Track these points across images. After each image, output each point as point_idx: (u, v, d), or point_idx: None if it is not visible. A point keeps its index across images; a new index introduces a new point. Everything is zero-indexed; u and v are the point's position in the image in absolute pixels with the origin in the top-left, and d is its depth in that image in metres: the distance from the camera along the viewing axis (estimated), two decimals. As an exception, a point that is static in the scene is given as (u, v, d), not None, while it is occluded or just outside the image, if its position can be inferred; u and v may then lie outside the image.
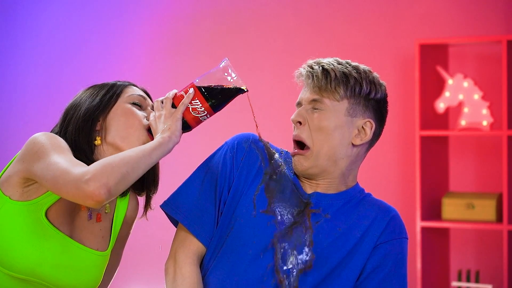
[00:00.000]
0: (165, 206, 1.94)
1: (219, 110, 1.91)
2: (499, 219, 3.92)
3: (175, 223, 1.97)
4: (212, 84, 1.90)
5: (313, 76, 1.91)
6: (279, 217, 1.89)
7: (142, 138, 1.93)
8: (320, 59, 1.96)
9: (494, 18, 4.10)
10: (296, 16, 4.51)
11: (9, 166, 1.90)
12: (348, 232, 1.89)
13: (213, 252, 1.91)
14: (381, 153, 4.29)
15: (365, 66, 1.96)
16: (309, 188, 1.94)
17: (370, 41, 4.32)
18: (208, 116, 1.90)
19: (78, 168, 1.74)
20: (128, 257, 5.18)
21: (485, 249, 4.13)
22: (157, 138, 1.84)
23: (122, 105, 1.95)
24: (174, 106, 1.90)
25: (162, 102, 1.92)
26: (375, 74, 1.96)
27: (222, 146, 1.99)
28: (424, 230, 3.97)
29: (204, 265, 1.92)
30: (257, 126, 1.98)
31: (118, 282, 4.94)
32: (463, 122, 3.98)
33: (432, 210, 4.05)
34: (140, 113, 1.95)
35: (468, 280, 3.97)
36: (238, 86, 1.90)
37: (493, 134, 3.92)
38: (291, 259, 1.86)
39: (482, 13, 4.13)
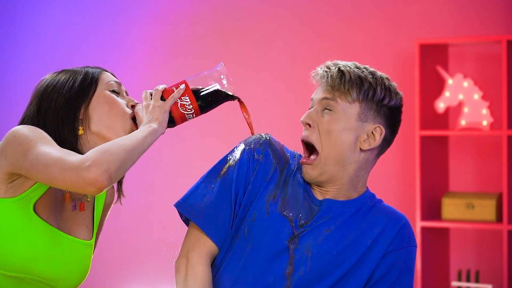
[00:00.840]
0: (178, 206, 1.93)
1: (205, 112, 1.91)
2: (499, 219, 3.92)
3: (187, 222, 1.96)
4: (204, 85, 1.91)
5: (328, 76, 1.89)
6: (291, 223, 1.89)
7: (127, 127, 1.91)
8: (339, 61, 1.94)
9: (494, 18, 4.10)
10: (296, 16, 4.51)
11: None
12: (358, 240, 1.89)
13: (225, 253, 1.90)
14: (381, 153, 4.29)
15: (383, 74, 1.95)
16: (319, 194, 1.93)
17: (370, 41, 4.32)
18: (194, 115, 1.90)
19: (74, 156, 1.73)
20: (128, 257, 5.18)
21: (485, 249, 4.13)
22: (145, 127, 1.83)
23: (102, 93, 1.92)
24: (163, 99, 1.90)
25: (151, 94, 1.91)
26: (393, 83, 1.96)
27: (238, 146, 1.97)
28: (424, 230, 3.97)
29: (215, 265, 1.91)
30: (252, 134, 1.97)
31: (118, 282, 4.95)
32: (463, 122, 3.98)
33: (432, 210, 4.05)
34: (121, 101, 1.93)
35: (468, 280, 3.98)
36: (229, 92, 1.91)
37: (493, 134, 3.92)
38: (301, 266, 1.85)
39: (482, 13, 4.13)
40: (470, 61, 4.16)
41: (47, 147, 1.76)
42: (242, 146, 1.96)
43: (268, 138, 1.97)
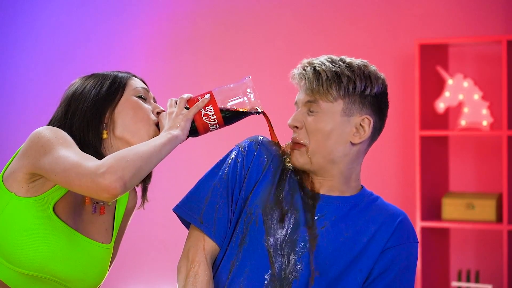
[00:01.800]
0: (177, 210, 1.94)
1: (229, 124, 1.92)
2: (499, 219, 3.92)
3: (187, 225, 1.97)
4: (230, 97, 1.91)
5: (305, 78, 1.89)
6: (285, 221, 1.89)
7: (152, 133, 1.92)
8: (313, 59, 1.93)
9: (494, 18, 4.10)
10: (296, 16, 4.51)
11: (11, 162, 1.88)
12: (354, 237, 1.88)
13: (225, 251, 1.91)
14: (381, 153, 4.29)
15: (360, 61, 1.91)
16: (313, 186, 1.93)
17: (370, 41, 4.32)
18: (218, 127, 1.90)
19: (91, 161, 1.73)
20: (128, 257, 5.19)
21: (485, 249, 4.13)
22: (166, 134, 1.83)
23: (129, 98, 1.93)
24: (187, 108, 1.91)
25: (176, 102, 1.91)
26: (372, 67, 1.92)
27: (233, 148, 1.99)
28: (424, 230, 3.97)
29: (215, 264, 1.92)
30: (276, 142, 2.00)
31: (118, 282, 4.95)
32: (463, 122, 3.98)
33: (432, 210, 4.05)
34: (147, 107, 1.95)
35: (468, 280, 3.97)
36: (254, 107, 1.92)
37: (493, 134, 3.92)
38: (297, 265, 1.86)
39: (482, 13, 4.13)
40: (470, 61, 4.16)
41: (67, 150, 1.77)
42: (237, 148, 1.97)
43: (262, 139, 1.99)
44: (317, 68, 1.88)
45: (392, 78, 4.27)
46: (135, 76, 2.00)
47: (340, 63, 1.89)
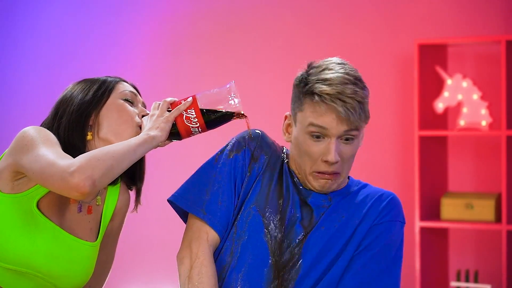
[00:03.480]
0: (176, 200, 1.94)
1: (211, 129, 1.93)
2: (498, 219, 3.92)
3: (183, 215, 1.97)
4: (213, 101, 1.92)
5: (346, 108, 1.84)
6: (284, 216, 1.91)
7: (134, 135, 1.93)
8: (339, 87, 1.85)
9: (493, 18, 4.10)
10: (296, 16, 4.51)
11: None
12: (348, 221, 1.92)
13: (224, 242, 1.92)
14: (380, 153, 4.29)
15: (356, 69, 1.91)
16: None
17: (370, 41, 4.32)
18: (200, 130, 1.91)
19: (65, 160, 1.75)
20: (127, 257, 5.19)
21: (484, 249, 4.13)
22: (142, 134, 1.86)
23: (115, 101, 1.96)
24: (170, 111, 1.92)
25: (159, 105, 1.93)
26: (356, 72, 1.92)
27: (231, 141, 1.99)
28: (423, 230, 3.97)
29: (214, 255, 1.93)
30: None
31: (118, 282, 4.95)
32: (462, 122, 3.98)
33: (431, 210, 4.05)
34: (132, 110, 1.97)
35: (467, 280, 3.98)
36: (237, 111, 1.91)
37: (492, 134, 3.92)
38: (296, 256, 1.88)
39: (481, 13, 4.13)
40: (469, 61, 4.16)
41: (47, 149, 1.79)
42: (236, 140, 1.98)
43: (260, 133, 2.00)
44: (357, 98, 1.85)
45: (391, 78, 4.27)
46: (125, 81, 2.02)
47: (358, 82, 1.87)
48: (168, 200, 1.95)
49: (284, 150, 2.03)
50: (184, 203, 1.93)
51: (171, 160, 4.72)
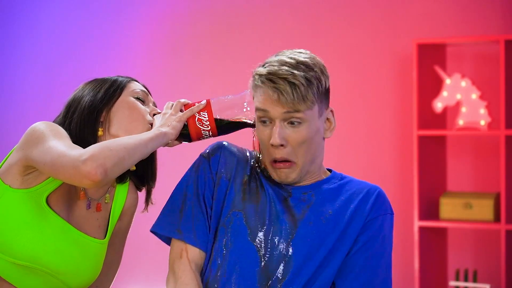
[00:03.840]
0: (156, 228, 1.96)
1: (222, 134, 1.94)
2: (497, 218, 3.92)
3: (168, 241, 1.98)
4: (227, 108, 1.93)
5: (279, 91, 1.84)
6: (265, 215, 1.91)
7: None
8: (270, 67, 1.87)
9: (492, 18, 4.10)
10: (294, 15, 4.51)
11: (8, 156, 1.92)
12: (336, 216, 1.90)
13: (210, 255, 1.93)
14: (378, 153, 4.29)
15: (310, 55, 1.89)
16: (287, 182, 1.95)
17: (368, 41, 4.32)
18: (211, 134, 1.92)
19: (76, 150, 1.77)
20: (127, 257, 5.18)
21: (482, 249, 4.13)
22: (154, 130, 1.87)
23: (126, 99, 1.98)
24: (182, 111, 1.94)
25: (172, 105, 1.95)
26: (318, 57, 1.91)
27: (197, 158, 2.00)
28: (421, 229, 3.98)
29: (202, 269, 1.94)
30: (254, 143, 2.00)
31: (118, 282, 4.94)
32: (460, 122, 3.98)
33: (429, 209, 4.05)
34: (144, 108, 1.98)
35: (465, 280, 3.98)
36: (249, 121, 1.92)
37: (490, 133, 3.92)
38: (284, 253, 1.88)
39: (480, 13, 4.13)
40: (468, 61, 4.16)
41: (57, 141, 1.81)
42: (200, 157, 1.99)
43: (224, 144, 2.00)
44: (291, 80, 1.84)
45: (390, 78, 4.27)
46: (136, 81, 2.05)
47: (301, 65, 1.86)
48: (151, 231, 1.98)
49: (251, 153, 2.01)
50: (162, 229, 1.95)
51: (172, 161, 4.72)
